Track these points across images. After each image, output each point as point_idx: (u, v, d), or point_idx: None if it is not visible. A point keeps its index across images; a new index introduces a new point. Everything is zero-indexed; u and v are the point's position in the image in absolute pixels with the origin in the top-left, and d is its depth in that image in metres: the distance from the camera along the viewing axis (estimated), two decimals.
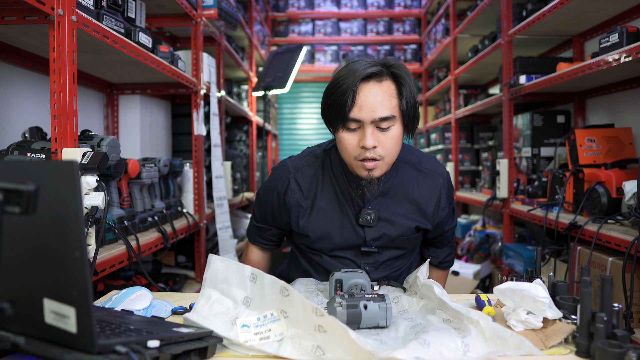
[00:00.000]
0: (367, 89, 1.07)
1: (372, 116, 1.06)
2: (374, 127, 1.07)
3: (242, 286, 0.89)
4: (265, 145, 4.06)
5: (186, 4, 2.04)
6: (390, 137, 1.08)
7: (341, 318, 0.88)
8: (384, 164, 1.11)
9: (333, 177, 1.21)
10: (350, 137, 1.09)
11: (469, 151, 3.74)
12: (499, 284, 0.93)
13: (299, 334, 0.80)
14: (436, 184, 1.23)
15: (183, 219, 1.98)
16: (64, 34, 1.11)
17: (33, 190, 0.59)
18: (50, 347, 0.63)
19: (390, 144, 1.09)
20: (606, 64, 1.61)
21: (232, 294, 0.90)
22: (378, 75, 1.08)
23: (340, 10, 5.31)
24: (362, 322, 0.90)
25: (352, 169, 1.15)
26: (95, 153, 1.16)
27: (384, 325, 0.91)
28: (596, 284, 1.54)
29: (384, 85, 1.08)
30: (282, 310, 0.83)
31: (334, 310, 0.89)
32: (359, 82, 1.06)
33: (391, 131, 1.08)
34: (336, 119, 1.10)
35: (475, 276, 2.82)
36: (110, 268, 1.26)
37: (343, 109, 1.06)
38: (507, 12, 2.56)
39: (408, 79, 1.10)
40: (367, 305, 0.90)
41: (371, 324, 0.90)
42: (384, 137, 1.08)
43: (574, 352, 0.79)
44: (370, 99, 1.06)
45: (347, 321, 0.88)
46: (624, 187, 1.58)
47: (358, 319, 0.89)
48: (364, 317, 0.89)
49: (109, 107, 2.29)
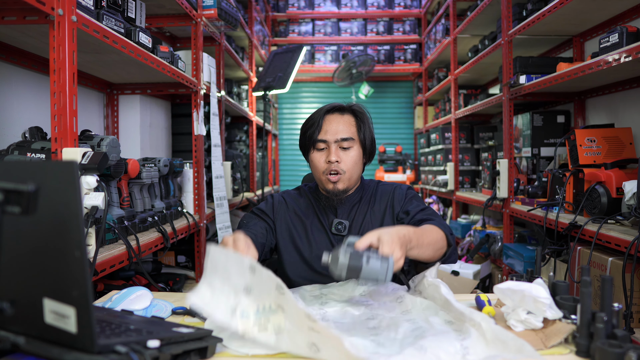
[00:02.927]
0: (331, 119, 1.37)
1: (335, 137, 1.34)
2: (337, 147, 1.35)
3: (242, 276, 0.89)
4: (265, 145, 4.06)
5: (186, 4, 2.04)
6: (350, 156, 1.35)
7: (342, 268, 0.91)
8: (345, 178, 1.35)
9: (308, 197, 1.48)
10: (319, 155, 1.37)
11: (469, 151, 3.74)
12: (499, 284, 0.93)
13: (295, 329, 0.80)
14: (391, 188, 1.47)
15: (183, 219, 1.98)
16: (64, 34, 1.11)
17: (33, 190, 0.59)
18: (50, 347, 0.63)
19: (350, 162, 1.35)
20: (606, 64, 1.61)
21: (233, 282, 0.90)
22: (340, 110, 1.39)
23: (340, 10, 5.31)
24: (361, 274, 0.92)
25: (322, 185, 1.40)
26: (95, 153, 1.16)
27: (383, 280, 0.93)
28: (596, 284, 1.54)
29: (345, 117, 1.38)
30: (279, 305, 0.84)
31: (337, 259, 0.92)
32: (324, 114, 1.38)
33: (351, 151, 1.35)
34: (308, 143, 1.38)
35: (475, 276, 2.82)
36: (110, 268, 1.26)
37: (313, 134, 1.36)
38: (507, 12, 2.56)
39: (365, 117, 1.40)
40: (370, 258, 0.92)
41: (370, 278, 0.92)
42: (344, 156, 1.35)
43: (574, 352, 0.79)
44: (334, 125, 1.35)
45: (348, 269, 0.91)
46: (624, 187, 1.58)
47: (357, 271, 0.91)
48: (364, 270, 0.92)
49: (109, 107, 2.29)
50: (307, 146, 1.40)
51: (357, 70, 4.73)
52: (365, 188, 1.47)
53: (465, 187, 3.74)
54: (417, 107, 5.27)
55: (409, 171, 4.98)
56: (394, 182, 1.51)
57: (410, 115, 5.53)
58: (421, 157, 4.96)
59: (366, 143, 1.39)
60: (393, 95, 5.56)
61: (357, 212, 1.42)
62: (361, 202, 1.44)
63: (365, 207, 1.42)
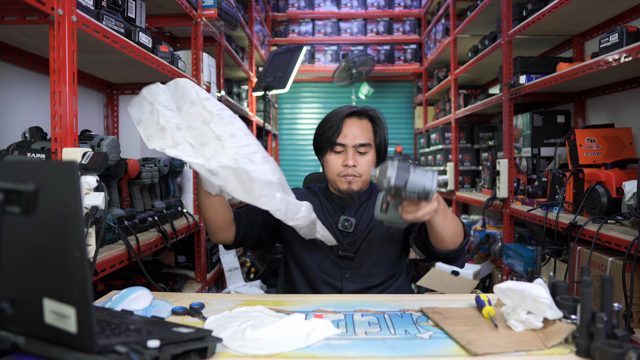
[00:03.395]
0: (350, 123, 1.41)
1: (354, 142, 1.39)
2: (354, 151, 1.40)
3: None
4: (265, 145, 4.07)
5: (186, 4, 2.04)
6: (366, 160, 1.40)
7: (391, 170, 0.95)
8: (360, 180, 1.41)
9: (318, 196, 1.52)
10: (336, 158, 1.41)
11: (469, 151, 3.74)
12: (499, 284, 0.93)
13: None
14: None
15: (183, 219, 1.98)
16: (64, 34, 1.11)
17: (33, 190, 0.59)
18: (50, 347, 0.63)
19: (365, 166, 1.40)
20: (606, 64, 1.61)
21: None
22: (358, 114, 1.42)
23: (340, 10, 5.30)
24: (409, 180, 0.95)
25: (335, 185, 1.44)
26: (95, 153, 1.16)
27: (429, 189, 0.95)
28: (596, 284, 1.54)
29: (363, 122, 1.42)
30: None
31: (385, 166, 0.96)
32: (344, 117, 1.41)
33: (367, 156, 1.40)
34: (326, 145, 1.42)
35: (475, 276, 2.82)
36: (110, 268, 1.26)
37: (332, 137, 1.40)
38: (507, 12, 2.56)
39: (381, 122, 1.44)
40: (416, 169, 0.96)
41: (418, 185, 0.95)
42: (361, 160, 1.40)
43: (574, 352, 0.79)
44: (352, 130, 1.40)
45: (397, 175, 0.94)
46: (624, 187, 1.58)
47: (406, 177, 0.95)
48: (412, 175, 0.95)
49: (109, 107, 2.29)
50: (323, 147, 1.44)
51: (357, 70, 4.73)
52: (374, 188, 1.52)
53: (465, 187, 3.74)
54: (417, 107, 5.27)
55: None
56: None
57: (410, 115, 5.53)
58: (421, 157, 4.96)
59: (381, 148, 1.44)
60: (393, 95, 5.56)
61: (365, 211, 1.46)
62: (369, 201, 1.48)
63: (373, 206, 1.45)
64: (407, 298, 1.17)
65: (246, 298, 1.17)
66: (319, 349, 0.84)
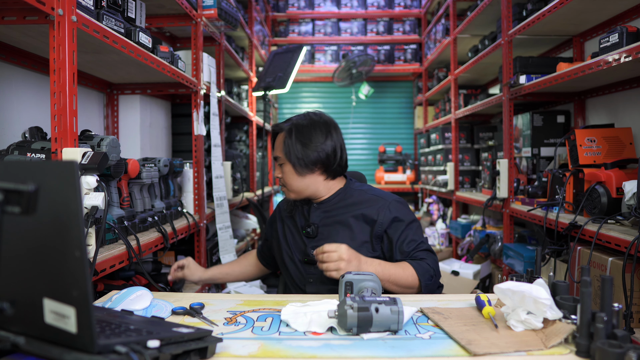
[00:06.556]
0: (277, 137, 1.51)
1: (274, 155, 1.51)
2: (277, 164, 1.49)
3: None
4: (265, 145, 4.07)
5: (186, 4, 2.04)
6: (284, 171, 1.47)
7: (352, 321, 0.88)
8: (288, 190, 1.49)
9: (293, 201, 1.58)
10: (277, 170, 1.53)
11: (469, 151, 3.74)
12: (499, 284, 0.93)
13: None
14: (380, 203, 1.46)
15: (183, 219, 1.98)
16: (64, 34, 1.11)
17: (33, 190, 0.59)
18: (50, 347, 0.63)
19: (285, 177, 1.47)
20: (606, 64, 1.61)
21: None
22: (279, 130, 1.51)
23: (340, 10, 5.30)
24: (373, 325, 0.89)
25: None
26: (95, 153, 1.16)
27: (395, 329, 0.90)
28: (596, 284, 1.54)
29: (280, 136, 1.50)
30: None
31: (345, 313, 0.88)
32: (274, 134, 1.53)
33: (284, 167, 1.47)
34: None
35: (475, 276, 2.82)
36: (110, 268, 1.26)
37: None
38: (507, 12, 2.56)
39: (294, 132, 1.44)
40: (379, 308, 0.89)
41: (382, 328, 0.90)
42: (282, 172, 1.47)
43: (574, 352, 0.79)
44: (275, 144, 1.51)
45: (358, 324, 0.88)
46: (624, 187, 1.58)
47: (369, 322, 0.88)
48: (375, 320, 0.89)
49: (109, 107, 2.29)
50: None
51: (357, 70, 4.73)
52: (347, 194, 1.50)
53: (465, 187, 3.74)
54: (417, 107, 5.27)
55: (409, 171, 4.98)
56: (387, 196, 1.48)
57: (410, 115, 5.53)
58: (421, 157, 4.96)
59: (291, 158, 1.43)
60: (393, 95, 5.56)
61: (329, 217, 1.48)
62: (337, 208, 1.48)
63: (340, 213, 1.47)
64: (407, 298, 1.17)
65: (246, 298, 1.17)
66: (319, 349, 0.84)
